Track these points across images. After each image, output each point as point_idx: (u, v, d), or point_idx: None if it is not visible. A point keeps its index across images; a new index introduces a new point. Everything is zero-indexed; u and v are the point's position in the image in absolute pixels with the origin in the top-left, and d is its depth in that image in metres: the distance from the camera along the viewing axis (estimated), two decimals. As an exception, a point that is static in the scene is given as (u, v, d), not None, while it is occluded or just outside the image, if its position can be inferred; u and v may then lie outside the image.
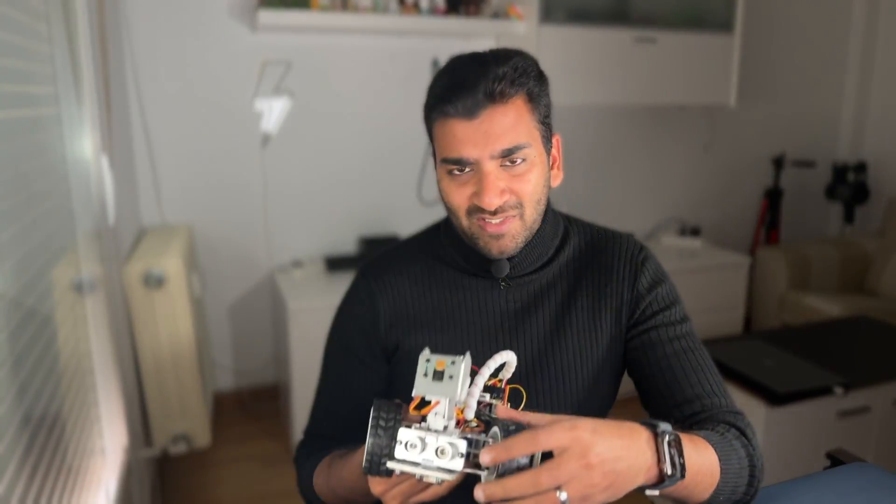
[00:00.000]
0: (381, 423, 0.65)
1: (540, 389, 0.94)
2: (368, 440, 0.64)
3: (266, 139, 2.81)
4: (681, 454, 0.68)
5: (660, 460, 0.67)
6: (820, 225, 4.05)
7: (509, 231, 0.87)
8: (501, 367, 0.75)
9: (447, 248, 0.99)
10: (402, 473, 0.65)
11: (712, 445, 0.77)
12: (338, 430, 1.01)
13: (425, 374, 0.66)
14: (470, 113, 0.83)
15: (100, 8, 1.80)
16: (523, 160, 0.86)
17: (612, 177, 3.47)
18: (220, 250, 2.85)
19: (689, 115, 3.53)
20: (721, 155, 3.68)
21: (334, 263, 2.81)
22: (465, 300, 0.97)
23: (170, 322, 2.13)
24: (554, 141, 0.93)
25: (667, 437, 0.67)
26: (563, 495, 0.59)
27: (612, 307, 0.96)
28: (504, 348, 0.93)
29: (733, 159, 3.72)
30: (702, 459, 0.73)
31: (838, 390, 1.84)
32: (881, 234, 3.47)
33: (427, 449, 0.63)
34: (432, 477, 0.63)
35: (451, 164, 0.86)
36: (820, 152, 3.87)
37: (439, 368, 0.65)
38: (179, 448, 2.25)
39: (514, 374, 0.93)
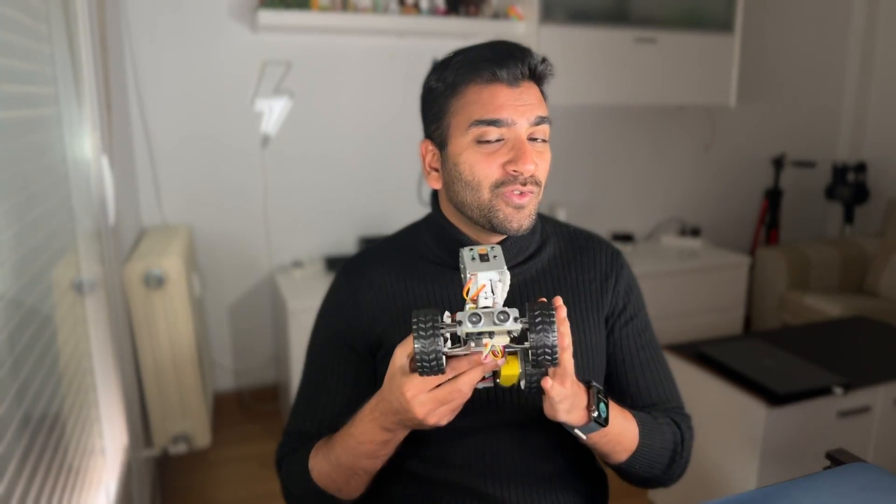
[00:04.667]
0: (422, 325, 0.73)
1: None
2: (415, 344, 0.72)
3: (266, 139, 2.81)
4: (607, 406, 0.86)
5: (589, 405, 0.84)
6: (820, 225, 4.05)
7: (529, 205, 0.90)
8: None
9: (429, 244, 0.99)
10: (474, 342, 0.75)
11: (637, 421, 0.93)
12: (322, 425, 1.00)
13: (472, 259, 0.76)
14: (515, 80, 0.88)
15: (100, 8, 1.80)
16: (544, 140, 0.91)
17: (612, 177, 3.47)
18: (220, 250, 2.85)
19: (689, 115, 3.53)
20: (721, 155, 3.68)
21: (334, 263, 2.81)
22: (448, 295, 0.96)
23: (170, 322, 2.13)
24: None
25: (597, 390, 0.85)
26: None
27: (597, 303, 1.00)
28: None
29: (733, 159, 3.72)
30: (625, 424, 0.90)
31: (838, 390, 1.84)
32: (881, 234, 3.47)
33: (485, 319, 0.72)
34: (503, 336, 0.74)
35: (485, 126, 0.87)
36: (820, 152, 3.87)
37: (482, 253, 0.76)
38: (179, 448, 2.25)
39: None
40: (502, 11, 2.86)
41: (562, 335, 0.76)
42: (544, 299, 0.79)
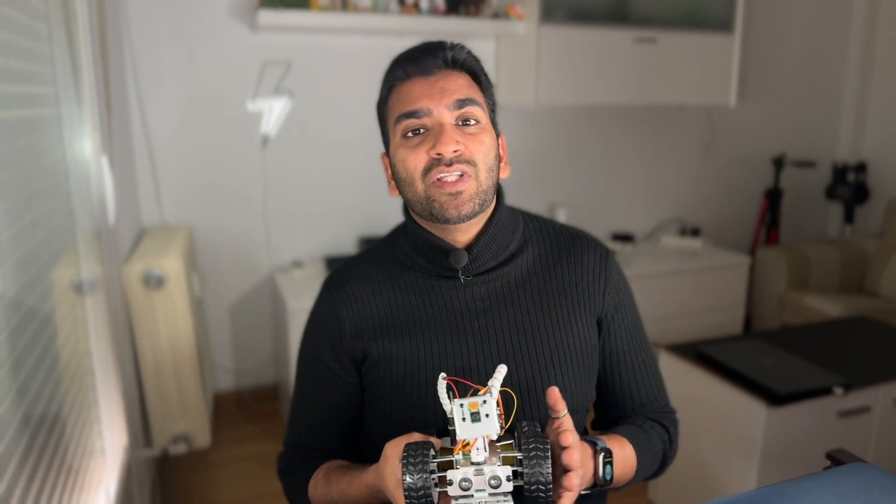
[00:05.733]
0: (412, 460, 0.72)
1: (517, 387, 0.93)
2: (404, 478, 0.71)
3: (266, 139, 2.81)
4: (612, 466, 0.87)
5: (595, 473, 0.86)
6: (820, 225, 4.05)
7: (466, 190, 0.89)
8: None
9: (407, 251, 0.99)
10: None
11: (634, 446, 0.95)
12: (318, 440, 1.03)
13: (463, 419, 0.72)
14: (427, 71, 0.91)
15: (100, 8, 1.80)
16: (476, 122, 0.91)
17: (612, 177, 3.47)
18: (220, 250, 2.85)
19: (689, 115, 3.53)
20: (721, 155, 3.68)
21: (334, 263, 2.81)
22: (430, 302, 0.96)
23: (170, 322, 2.13)
24: (500, 140, 0.97)
25: (603, 454, 0.87)
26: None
27: (587, 304, 0.99)
28: (474, 348, 0.94)
29: (733, 159, 3.72)
30: (625, 464, 0.93)
31: (838, 390, 1.84)
32: (881, 234, 3.47)
33: (477, 482, 0.72)
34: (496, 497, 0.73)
35: (405, 120, 0.89)
36: (820, 152, 3.88)
37: (473, 410, 0.72)
38: (179, 448, 2.25)
39: (488, 374, 0.93)
40: (502, 11, 2.86)
41: (569, 454, 0.76)
42: (555, 389, 0.80)
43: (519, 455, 0.72)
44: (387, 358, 0.95)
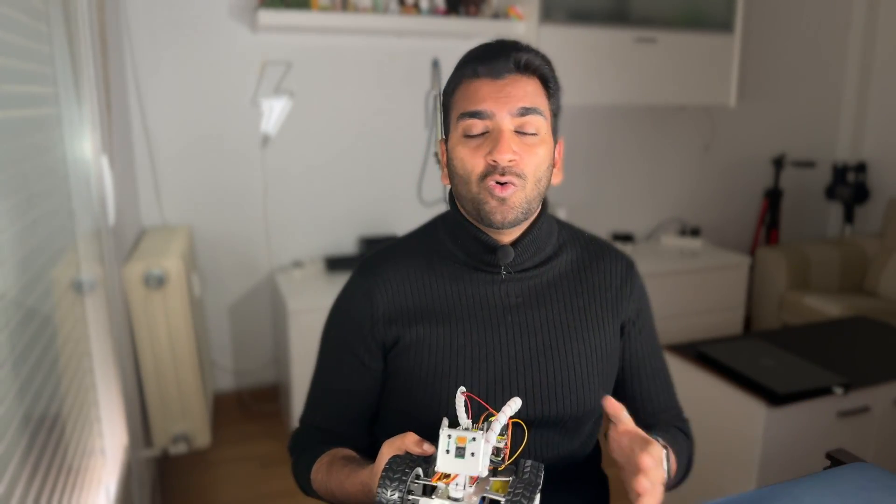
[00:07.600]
0: (391, 475, 0.69)
1: (544, 383, 0.95)
2: (378, 492, 0.68)
3: (266, 139, 2.81)
4: (668, 461, 0.89)
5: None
6: (820, 225, 4.05)
7: (511, 198, 0.90)
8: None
9: (446, 243, 1.00)
10: None
11: (674, 453, 0.97)
12: (332, 423, 1.04)
13: (447, 451, 0.68)
14: (497, 74, 0.90)
15: (100, 8, 1.80)
16: (535, 133, 0.91)
17: (612, 177, 3.47)
18: (220, 250, 2.85)
19: (689, 115, 3.53)
20: (721, 155, 3.68)
21: (334, 263, 2.81)
22: (466, 293, 0.97)
23: (170, 322, 2.13)
24: (558, 144, 0.97)
25: (666, 453, 0.87)
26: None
27: (613, 309, 1.02)
28: (506, 341, 0.96)
29: (733, 159, 3.72)
30: (670, 462, 0.95)
31: (838, 390, 1.84)
32: (881, 234, 3.47)
33: None
34: None
35: (469, 119, 0.89)
36: (820, 152, 3.88)
37: (460, 444, 0.68)
38: (179, 448, 2.25)
39: (518, 367, 0.95)
40: (502, 11, 2.86)
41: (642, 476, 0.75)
42: (610, 398, 0.82)
43: (502, 500, 0.67)
44: (419, 343, 0.96)
